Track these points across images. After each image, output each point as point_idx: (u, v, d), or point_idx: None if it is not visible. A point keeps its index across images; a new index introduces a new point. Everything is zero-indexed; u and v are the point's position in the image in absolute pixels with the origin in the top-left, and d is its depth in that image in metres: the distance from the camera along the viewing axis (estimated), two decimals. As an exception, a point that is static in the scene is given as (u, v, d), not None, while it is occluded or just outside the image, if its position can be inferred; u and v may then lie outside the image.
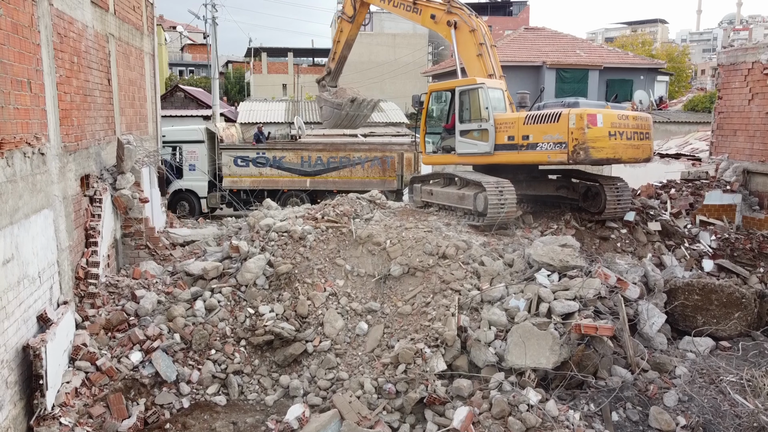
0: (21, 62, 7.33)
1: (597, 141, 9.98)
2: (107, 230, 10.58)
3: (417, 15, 13.65)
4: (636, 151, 10.60)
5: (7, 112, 6.85)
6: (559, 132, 10.21)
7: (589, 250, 11.05)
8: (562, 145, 10.16)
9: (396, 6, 13.96)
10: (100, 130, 11.16)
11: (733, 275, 10.76)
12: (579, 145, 9.94)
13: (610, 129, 10.12)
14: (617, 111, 10.51)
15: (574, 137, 9.98)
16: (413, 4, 13.66)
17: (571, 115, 10.04)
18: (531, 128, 10.73)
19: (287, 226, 10.56)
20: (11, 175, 6.78)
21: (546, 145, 10.45)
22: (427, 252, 9.79)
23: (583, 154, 9.95)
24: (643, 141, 10.70)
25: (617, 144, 10.22)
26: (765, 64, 12.14)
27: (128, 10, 13.66)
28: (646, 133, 10.83)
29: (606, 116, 10.14)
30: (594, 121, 9.97)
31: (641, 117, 10.81)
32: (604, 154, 10.12)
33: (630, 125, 10.46)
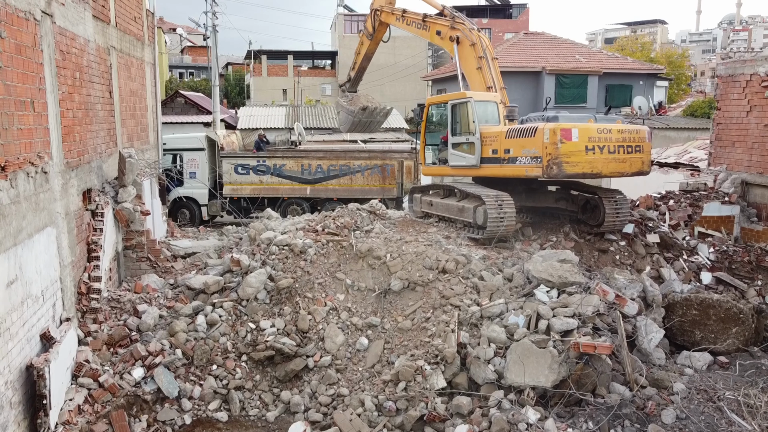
0: (24, 83, 7.39)
1: (571, 156, 10.01)
2: (109, 244, 10.64)
3: (426, 31, 14.36)
4: (621, 165, 10.54)
5: (11, 134, 6.91)
6: (535, 146, 10.30)
7: (588, 263, 11.13)
8: (538, 159, 10.25)
9: (409, 24, 14.82)
10: (102, 143, 11.22)
11: (731, 288, 10.84)
12: (552, 160, 10.01)
13: (587, 143, 10.12)
14: (598, 125, 10.42)
15: (548, 152, 10.05)
16: (423, 22, 14.36)
17: (546, 129, 10.10)
18: (511, 142, 10.85)
19: (288, 239, 10.62)
20: (15, 197, 6.84)
21: (524, 159, 10.55)
22: (427, 266, 9.86)
23: (556, 169, 10.01)
24: (631, 154, 10.62)
25: (595, 158, 10.21)
26: (763, 77, 12.21)
27: (129, 22, 13.72)
28: (636, 146, 10.75)
29: (582, 130, 10.13)
30: (568, 136, 10.00)
31: (629, 130, 10.71)
32: (579, 169, 10.14)
33: (613, 138, 10.40)
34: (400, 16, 15.12)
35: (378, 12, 15.81)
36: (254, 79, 54.28)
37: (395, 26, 15.55)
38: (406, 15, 14.94)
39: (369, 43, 16.42)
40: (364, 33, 16.63)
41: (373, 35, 16.19)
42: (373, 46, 16.61)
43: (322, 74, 55.82)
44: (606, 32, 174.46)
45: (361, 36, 16.98)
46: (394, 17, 15.33)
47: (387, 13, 15.54)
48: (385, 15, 15.61)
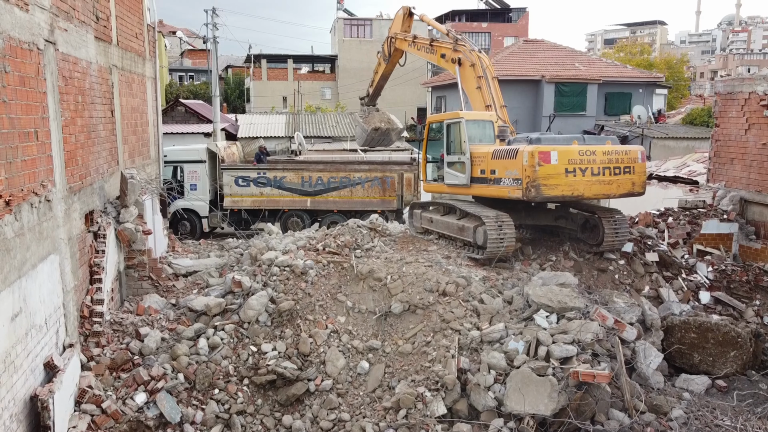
0: (28, 113, 7.44)
1: (550, 178, 10.08)
2: (111, 264, 10.70)
3: (433, 55, 14.91)
4: (606, 187, 10.53)
5: (15, 166, 6.96)
6: (516, 168, 10.40)
7: (588, 282, 11.21)
8: (518, 181, 10.33)
9: (419, 49, 15.49)
10: (104, 163, 11.27)
11: (729, 308, 10.91)
12: (531, 183, 10.09)
13: (567, 166, 10.17)
14: (580, 147, 10.41)
15: (526, 174, 10.14)
16: (430, 46, 14.94)
17: (525, 152, 10.18)
18: (497, 163, 10.97)
19: (289, 260, 10.69)
20: (19, 229, 6.89)
21: (507, 180, 10.66)
22: (427, 289, 9.92)
23: (534, 192, 10.08)
24: (618, 176, 10.59)
25: (576, 181, 10.24)
26: (761, 96, 12.28)
27: (130, 39, 13.78)
28: (626, 167, 10.70)
29: (562, 153, 10.18)
30: (547, 159, 10.06)
31: (618, 151, 10.64)
32: (558, 192, 10.20)
33: (598, 160, 10.40)
34: (411, 42, 15.87)
35: (393, 39, 16.67)
36: (254, 83, 54.36)
37: (408, 51, 16.33)
38: (416, 41, 15.67)
39: (385, 65, 17.34)
40: (381, 56, 17.58)
41: (389, 59, 17.11)
42: (389, 68, 17.49)
43: (322, 78, 55.90)
44: (606, 33, 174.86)
45: (378, 57, 17.91)
46: (406, 43, 16.08)
47: (401, 40, 16.33)
48: (399, 42, 16.43)
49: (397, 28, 16.74)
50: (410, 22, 16.77)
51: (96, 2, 11.00)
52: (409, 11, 16.64)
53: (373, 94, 18.84)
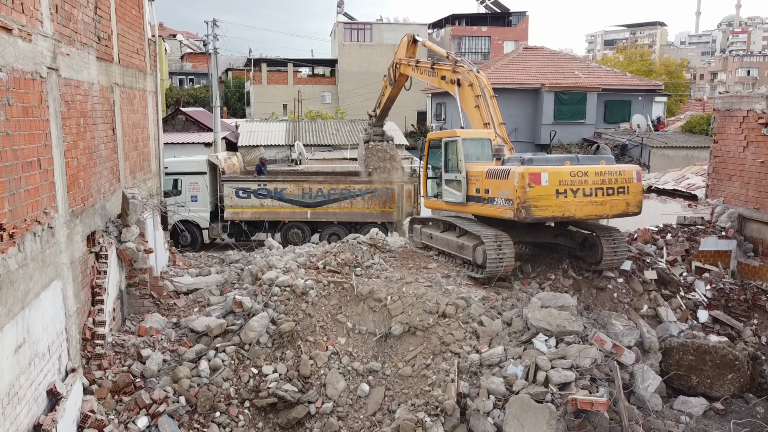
0: (31, 143, 7.49)
1: (540, 199, 10.13)
2: (113, 284, 10.76)
3: (435, 77, 15.31)
4: (599, 208, 10.53)
5: (18, 197, 7.01)
6: (508, 189, 10.46)
7: (587, 301, 11.27)
8: (510, 201, 10.40)
9: (422, 73, 15.99)
10: (105, 182, 11.32)
11: (727, 327, 10.98)
12: (521, 204, 10.15)
13: (557, 187, 10.21)
14: (572, 167, 10.43)
15: (517, 195, 10.20)
16: (431, 69, 15.35)
17: (516, 173, 10.24)
18: (490, 183, 11.05)
19: (290, 281, 10.75)
20: (22, 260, 6.96)
21: (500, 200, 10.73)
22: (427, 310, 9.99)
23: (525, 213, 10.15)
24: (612, 196, 10.59)
25: (567, 201, 10.27)
26: (759, 114, 12.34)
27: (132, 55, 13.83)
28: (620, 188, 10.69)
29: (553, 174, 10.21)
30: (537, 180, 10.11)
31: (611, 171, 10.62)
32: (549, 213, 10.24)
33: (590, 181, 10.41)
34: (414, 66, 16.35)
35: (398, 65, 17.20)
36: (254, 87, 54.41)
37: (411, 75, 16.80)
38: (419, 65, 16.12)
39: (391, 89, 17.92)
40: (387, 80, 18.11)
41: (395, 83, 17.67)
42: (395, 92, 18.06)
43: (322, 82, 55.96)
44: (605, 34, 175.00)
45: (384, 81, 18.41)
46: (410, 68, 16.57)
47: (405, 65, 16.86)
48: (403, 67, 16.95)
49: (401, 54, 17.26)
50: (414, 49, 17.34)
51: (98, 23, 11.06)
52: (413, 38, 17.30)
53: (380, 115, 19.39)
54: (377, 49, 53.85)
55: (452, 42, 56.49)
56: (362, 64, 52.50)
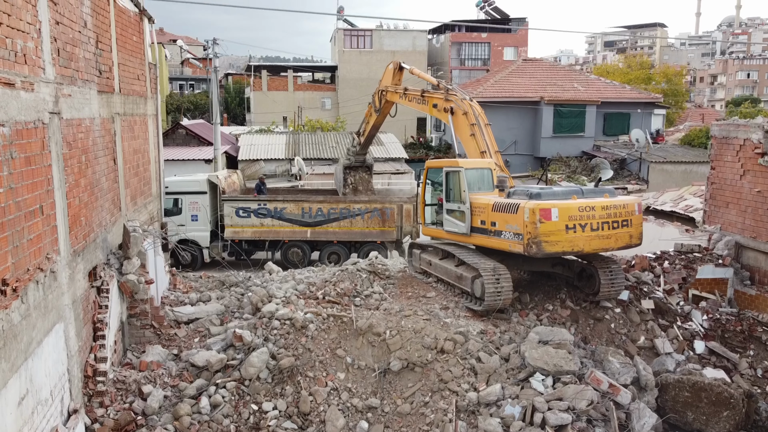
0: (33, 191, 7.56)
1: (551, 235, 10.20)
2: (114, 316, 10.84)
3: (425, 105, 15.29)
4: (606, 242, 10.65)
5: (21, 249, 7.09)
6: (517, 223, 10.52)
7: (584, 333, 11.37)
8: (519, 236, 10.47)
9: (410, 100, 15.84)
10: (107, 214, 11.40)
11: (724, 359, 11.07)
12: (532, 239, 10.22)
13: (567, 222, 10.29)
14: (580, 202, 10.52)
15: (528, 230, 10.27)
16: (421, 97, 15.27)
17: (526, 208, 10.31)
18: (497, 216, 11.09)
19: (289, 314, 10.84)
20: (25, 311, 7.03)
21: (508, 234, 10.78)
22: (425, 345, 10.08)
23: (536, 248, 10.22)
24: (617, 230, 10.71)
25: (576, 236, 10.36)
26: (756, 144, 12.42)
27: (132, 82, 13.91)
28: (623, 221, 10.85)
29: (563, 209, 10.29)
30: (548, 216, 10.19)
31: (616, 205, 10.76)
32: (559, 248, 10.33)
33: (597, 216, 10.51)
34: (402, 94, 16.19)
35: (384, 92, 17.03)
36: (254, 94, 54.49)
37: (399, 102, 16.66)
38: (408, 92, 15.97)
39: (376, 116, 17.68)
40: (372, 106, 17.85)
41: (380, 111, 17.43)
42: (380, 119, 17.86)
43: (322, 88, 56.07)
44: (606, 36, 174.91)
45: (369, 107, 18.18)
46: (397, 95, 16.42)
47: (392, 93, 16.68)
48: (390, 94, 16.78)
49: (387, 81, 17.11)
50: (400, 76, 17.20)
51: (99, 57, 11.12)
52: (399, 65, 17.14)
53: (364, 143, 19.14)
54: (377, 56, 53.95)
55: (452, 48, 56.60)
56: (362, 70, 52.60)
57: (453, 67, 56.47)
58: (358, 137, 19.12)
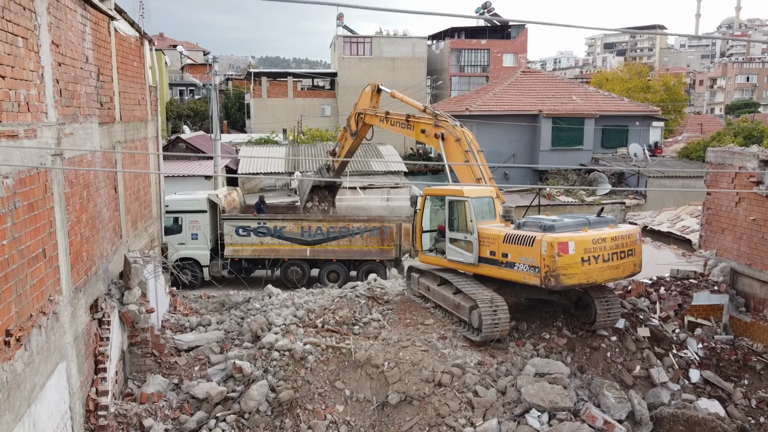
0: (36, 236, 7.65)
1: (568, 268, 10.36)
2: (115, 346, 10.94)
3: (411, 130, 15.05)
4: (615, 272, 10.90)
5: (24, 296, 7.19)
6: (533, 256, 10.62)
7: (580, 362, 11.48)
8: (535, 269, 10.58)
9: (393, 125, 15.58)
10: (108, 244, 11.49)
11: (718, 389, 11.19)
12: (550, 272, 10.34)
13: (582, 255, 10.46)
14: (593, 234, 10.72)
15: (545, 264, 10.38)
16: (406, 122, 15.06)
17: (543, 242, 10.42)
18: (509, 247, 11.15)
19: (289, 345, 10.95)
20: (28, 359, 7.13)
21: (522, 266, 10.87)
22: (423, 378, 10.19)
23: (554, 281, 10.36)
24: (624, 260, 10.96)
25: (591, 269, 10.55)
26: (751, 172, 12.54)
27: (133, 108, 13.99)
28: (629, 250, 11.11)
29: (579, 243, 10.46)
30: (565, 249, 10.34)
31: (623, 235, 10.99)
32: (576, 280, 10.49)
33: (608, 247, 10.73)
34: (383, 117, 15.86)
35: (362, 115, 16.66)
36: (254, 101, 54.62)
37: (379, 126, 16.33)
38: (390, 116, 15.67)
39: (352, 140, 17.30)
40: (348, 130, 17.43)
41: (356, 134, 17.04)
42: (356, 143, 17.57)
43: (321, 95, 56.18)
44: (605, 38, 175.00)
45: (344, 132, 17.78)
46: (377, 119, 16.09)
47: (371, 116, 16.34)
48: (369, 118, 16.43)
49: (365, 104, 16.84)
50: (378, 98, 16.91)
51: (100, 89, 11.22)
52: (377, 88, 16.89)
53: (338, 169, 18.91)
54: (376, 62, 54.11)
55: (452, 55, 56.73)
56: (362, 77, 52.63)
57: (452, 73, 56.61)
58: (333, 159, 18.75)
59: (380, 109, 16.31)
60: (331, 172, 18.84)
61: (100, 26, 11.26)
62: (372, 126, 16.56)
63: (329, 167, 18.88)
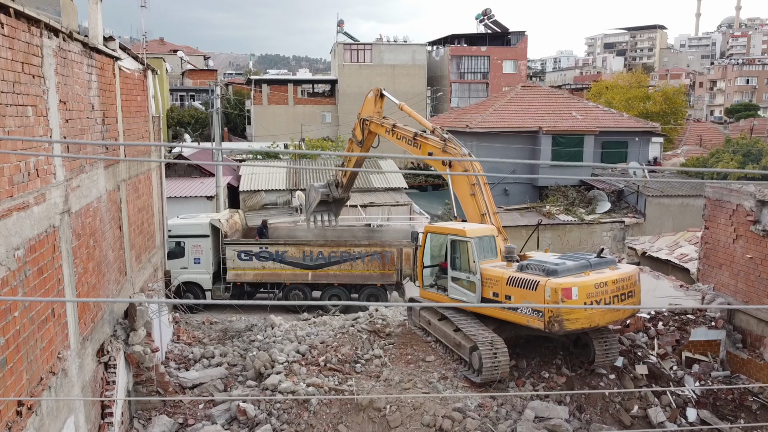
0: (46, 294, 7.79)
1: (572, 313, 10.52)
2: (121, 389, 11.08)
3: (417, 149, 14.68)
4: (615, 314, 11.15)
5: (35, 361, 7.31)
6: (536, 300, 10.76)
7: (579, 401, 11.64)
8: (539, 313, 10.72)
9: (399, 139, 15.15)
10: (113, 285, 11.61)
11: (716, 430, 11.36)
12: (554, 318, 10.50)
13: (585, 300, 10.63)
14: (595, 279, 10.85)
15: (549, 309, 10.53)
16: (413, 139, 14.67)
17: (547, 287, 10.57)
18: (513, 290, 11.28)
19: (292, 386, 11.12)
20: (39, 423, 7.26)
21: (526, 309, 11.01)
22: (424, 423, 10.36)
23: (558, 326, 10.52)
24: (624, 301, 11.16)
25: (593, 313, 10.74)
26: (748, 211, 12.68)
27: (138, 140, 14.11)
28: (629, 292, 11.29)
29: (582, 288, 10.61)
30: (569, 295, 10.49)
31: (623, 278, 11.17)
32: (579, 325, 10.66)
33: (609, 290, 10.90)
34: (390, 129, 15.49)
35: (367, 122, 16.28)
36: (255, 108, 54.73)
37: (385, 137, 15.96)
38: (396, 130, 15.29)
39: (359, 149, 16.84)
40: (353, 140, 17.01)
41: (363, 143, 16.60)
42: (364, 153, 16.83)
43: (322, 102, 56.27)
44: (605, 37, 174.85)
45: (349, 143, 17.38)
46: (383, 129, 15.74)
47: (376, 125, 15.99)
48: (374, 126, 16.07)
49: (369, 110, 16.37)
50: (381, 103, 16.38)
51: (105, 133, 11.33)
52: (380, 93, 16.38)
53: (347, 184, 18.38)
54: (377, 69, 54.19)
55: (452, 62, 56.82)
56: (362, 84, 52.72)
57: (452, 80, 56.71)
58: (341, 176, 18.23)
59: (387, 120, 15.78)
60: (339, 188, 18.48)
61: (105, 70, 11.38)
62: (378, 134, 16.16)
63: (338, 183, 18.50)
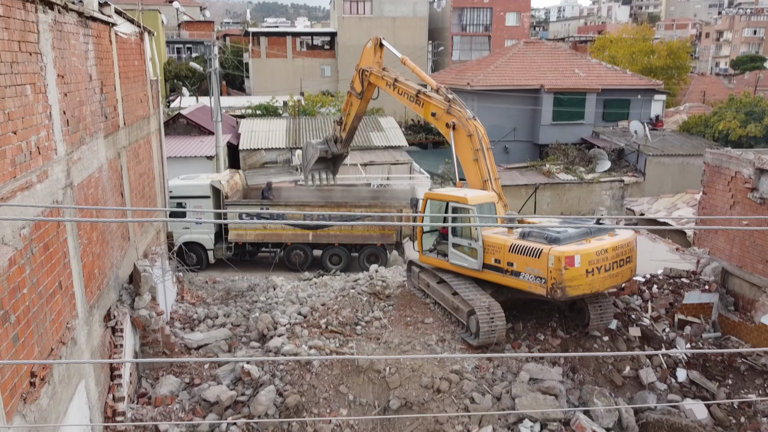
0: (52, 272, 7.91)
1: (574, 280, 10.76)
2: (128, 351, 11.44)
3: (419, 107, 14.41)
4: (615, 279, 11.40)
5: (45, 333, 7.57)
6: (539, 267, 10.97)
7: (573, 362, 12.03)
8: (541, 279, 10.95)
9: (401, 94, 14.77)
10: (117, 252, 11.81)
11: (704, 389, 11.78)
12: (557, 284, 10.74)
13: (587, 267, 10.85)
14: (596, 246, 11.04)
15: (552, 276, 10.76)
16: (416, 96, 14.37)
17: (551, 255, 10.76)
18: (515, 257, 11.46)
19: (294, 349, 11.48)
20: (52, 392, 7.58)
21: (528, 276, 11.23)
22: (422, 385, 10.74)
23: (560, 293, 10.77)
24: (622, 267, 11.44)
25: (594, 279, 10.98)
26: (746, 179, 12.75)
27: (136, 108, 14.02)
28: (627, 257, 11.56)
29: (584, 255, 10.82)
30: (572, 262, 10.70)
31: (622, 244, 11.39)
32: (580, 291, 10.91)
33: (609, 257, 11.14)
34: (391, 82, 15.02)
35: (366, 73, 15.81)
36: (253, 61, 53.89)
37: (385, 90, 15.49)
38: (398, 85, 14.82)
39: (359, 102, 16.40)
40: (353, 93, 16.54)
41: (362, 94, 16.12)
42: (363, 105, 16.68)
43: (321, 55, 55.34)
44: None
45: (348, 96, 16.91)
46: (384, 82, 15.26)
47: (376, 77, 15.50)
48: (374, 78, 15.57)
49: (368, 61, 15.89)
50: (381, 53, 15.88)
51: (104, 102, 11.29)
52: (379, 42, 15.85)
53: (346, 138, 17.93)
54: (377, 22, 53.04)
55: (453, 14, 55.54)
56: (362, 37, 51.57)
57: (454, 33, 55.55)
58: (340, 128, 17.77)
59: (389, 74, 15.20)
60: (338, 144, 18.26)
61: (102, 37, 11.25)
62: (378, 86, 15.59)
63: (336, 139, 18.26)
